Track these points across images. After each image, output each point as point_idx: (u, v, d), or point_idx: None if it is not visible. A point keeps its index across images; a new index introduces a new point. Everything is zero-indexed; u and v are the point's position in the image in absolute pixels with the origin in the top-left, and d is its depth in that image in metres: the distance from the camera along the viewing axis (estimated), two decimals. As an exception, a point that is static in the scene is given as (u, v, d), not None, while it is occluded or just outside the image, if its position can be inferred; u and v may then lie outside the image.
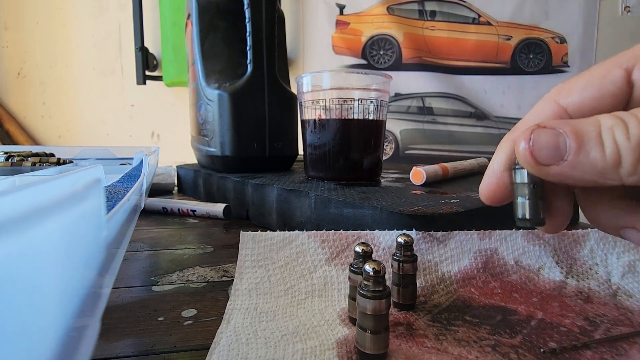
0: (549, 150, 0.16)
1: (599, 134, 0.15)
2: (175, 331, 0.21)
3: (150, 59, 1.45)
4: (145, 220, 0.46)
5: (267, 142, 0.52)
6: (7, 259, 0.06)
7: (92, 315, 0.10)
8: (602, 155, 0.15)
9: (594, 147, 0.15)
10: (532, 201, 0.18)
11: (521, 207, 0.18)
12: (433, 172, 0.41)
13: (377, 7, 1.45)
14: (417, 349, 0.18)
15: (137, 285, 0.27)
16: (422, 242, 0.25)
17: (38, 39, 1.49)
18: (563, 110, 0.18)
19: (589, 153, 0.15)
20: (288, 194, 0.38)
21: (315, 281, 0.24)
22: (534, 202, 0.18)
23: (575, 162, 0.15)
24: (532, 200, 0.18)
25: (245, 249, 0.25)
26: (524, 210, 0.18)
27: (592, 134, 0.15)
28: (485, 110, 1.48)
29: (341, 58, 1.49)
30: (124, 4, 1.47)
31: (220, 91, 0.50)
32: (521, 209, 0.18)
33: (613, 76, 0.17)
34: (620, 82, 0.16)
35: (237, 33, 0.53)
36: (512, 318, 0.20)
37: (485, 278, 0.25)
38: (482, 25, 1.46)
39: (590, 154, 0.15)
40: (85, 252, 0.10)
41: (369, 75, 0.41)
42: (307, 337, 0.19)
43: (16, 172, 0.35)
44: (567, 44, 1.46)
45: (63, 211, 0.08)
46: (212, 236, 0.39)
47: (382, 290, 0.17)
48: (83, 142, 1.52)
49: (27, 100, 1.51)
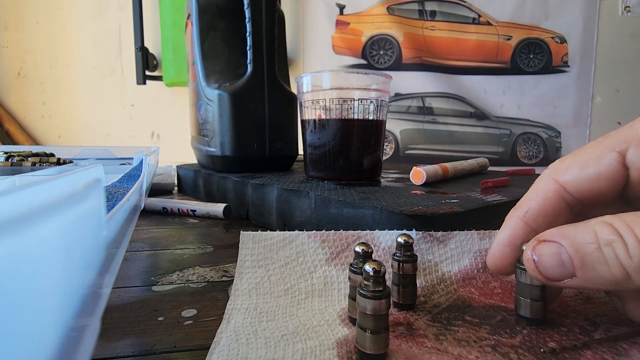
0: (554, 268, 0.16)
1: (599, 248, 0.15)
2: (175, 331, 0.21)
3: (150, 59, 1.45)
4: (145, 220, 0.46)
5: (267, 142, 0.52)
6: (7, 259, 0.06)
7: (92, 315, 0.10)
8: (608, 271, 0.15)
9: (598, 264, 0.15)
10: (533, 302, 0.19)
11: (523, 305, 0.20)
12: (433, 172, 0.41)
13: (377, 7, 1.45)
14: (417, 349, 0.18)
15: (137, 285, 0.27)
16: (422, 242, 0.25)
17: (38, 39, 1.49)
18: (562, 188, 0.18)
19: (595, 269, 0.15)
20: (288, 194, 0.38)
21: (315, 281, 0.24)
22: (536, 303, 0.19)
23: (585, 278, 0.16)
24: (534, 302, 0.19)
25: (245, 248, 0.25)
26: (526, 309, 0.20)
27: (591, 248, 0.15)
28: (485, 110, 1.48)
29: (341, 58, 1.49)
30: (124, 4, 1.47)
31: (220, 91, 0.50)
32: (523, 307, 0.20)
33: (607, 160, 0.17)
34: (615, 166, 0.17)
35: (237, 33, 0.53)
36: (512, 318, 0.20)
37: (485, 278, 0.25)
38: (482, 25, 1.46)
39: (597, 270, 0.15)
40: (85, 252, 0.10)
41: (369, 75, 0.41)
42: (307, 337, 0.19)
43: (16, 172, 0.35)
44: (567, 44, 1.46)
45: (63, 211, 0.08)
46: (212, 236, 0.39)
47: (382, 290, 0.17)
48: (83, 142, 1.52)
49: (27, 100, 1.51)
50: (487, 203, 0.30)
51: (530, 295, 0.19)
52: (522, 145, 1.50)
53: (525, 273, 0.19)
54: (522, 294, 0.20)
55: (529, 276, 0.19)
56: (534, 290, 0.19)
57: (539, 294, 0.19)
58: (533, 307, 0.19)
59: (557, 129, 1.49)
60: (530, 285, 0.19)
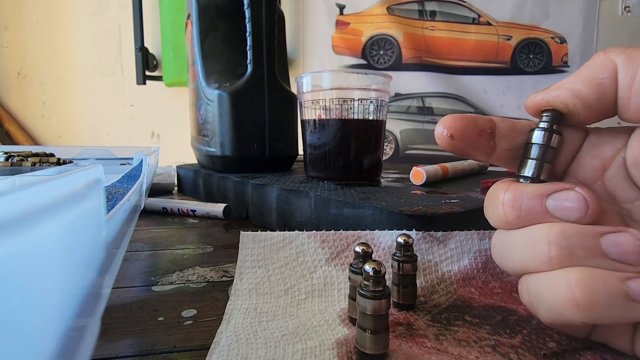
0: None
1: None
2: (175, 331, 0.21)
3: (150, 59, 1.45)
4: (145, 220, 0.46)
5: (267, 142, 0.52)
6: (7, 259, 0.06)
7: (92, 315, 0.10)
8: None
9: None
10: (539, 162, 0.19)
11: (528, 165, 0.19)
12: (433, 172, 0.41)
13: (377, 7, 1.45)
14: (417, 349, 0.18)
15: (137, 285, 0.27)
16: (422, 242, 0.25)
17: (38, 39, 1.49)
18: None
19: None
20: (288, 194, 0.38)
21: (315, 281, 0.24)
22: (541, 163, 0.19)
23: None
24: (540, 162, 0.19)
25: (245, 249, 0.25)
26: (531, 168, 0.19)
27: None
28: (485, 110, 1.48)
29: (341, 58, 1.49)
30: (124, 4, 1.46)
31: (220, 91, 0.50)
32: (528, 167, 0.19)
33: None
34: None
35: (237, 33, 0.53)
36: (512, 318, 0.20)
37: (485, 278, 0.25)
38: (482, 25, 1.46)
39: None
40: (85, 252, 0.10)
41: (369, 75, 0.41)
42: (307, 337, 0.19)
43: (16, 172, 0.35)
44: (567, 44, 1.46)
45: (63, 211, 0.08)
46: (212, 236, 0.39)
47: (382, 290, 0.17)
48: (83, 142, 1.52)
49: (27, 100, 1.51)
50: (487, 203, 0.30)
51: (538, 155, 0.19)
52: (522, 146, 1.50)
53: (539, 132, 0.19)
54: (531, 155, 0.19)
55: (542, 135, 0.18)
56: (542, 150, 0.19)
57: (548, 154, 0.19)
58: (536, 165, 0.19)
59: (557, 129, 1.49)
60: (540, 145, 0.19)
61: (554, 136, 0.19)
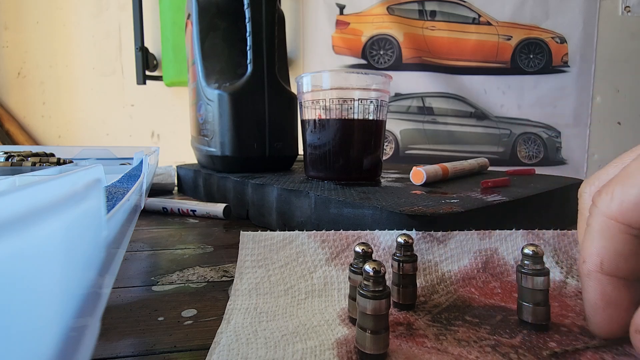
0: None
1: None
2: (175, 331, 0.21)
3: (150, 59, 1.45)
4: (145, 220, 0.46)
5: (267, 142, 0.52)
6: (8, 259, 0.06)
7: (92, 315, 0.10)
8: None
9: None
10: (536, 308, 0.19)
11: (525, 311, 0.19)
12: (433, 172, 0.41)
13: (377, 7, 1.45)
14: (417, 349, 0.18)
15: (137, 285, 0.27)
16: (422, 242, 0.25)
17: (38, 39, 1.49)
18: (625, 226, 0.17)
19: None
20: (288, 194, 0.38)
21: (315, 281, 0.24)
22: (539, 308, 0.19)
23: None
24: (537, 307, 0.19)
25: (245, 249, 0.25)
26: (528, 315, 0.19)
27: None
28: (485, 110, 1.48)
29: (341, 58, 1.49)
30: (124, 4, 1.46)
31: (220, 91, 0.50)
32: (525, 313, 0.19)
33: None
34: None
35: (237, 33, 0.53)
36: (512, 318, 0.20)
37: (485, 278, 0.25)
38: (482, 25, 1.46)
39: None
40: (85, 252, 0.10)
41: (369, 75, 0.41)
42: (307, 337, 0.19)
43: (16, 172, 0.35)
44: (567, 44, 1.46)
45: (63, 211, 0.08)
46: (212, 236, 0.39)
47: (382, 290, 0.17)
48: (83, 142, 1.52)
49: (27, 100, 1.51)
50: (487, 203, 0.30)
51: (533, 300, 0.19)
52: (522, 145, 1.50)
53: (527, 277, 0.19)
54: (524, 299, 0.19)
55: (531, 280, 0.19)
56: (537, 295, 0.19)
57: (542, 298, 0.19)
58: (536, 312, 0.19)
59: (557, 129, 1.49)
60: (532, 290, 0.19)
61: None
